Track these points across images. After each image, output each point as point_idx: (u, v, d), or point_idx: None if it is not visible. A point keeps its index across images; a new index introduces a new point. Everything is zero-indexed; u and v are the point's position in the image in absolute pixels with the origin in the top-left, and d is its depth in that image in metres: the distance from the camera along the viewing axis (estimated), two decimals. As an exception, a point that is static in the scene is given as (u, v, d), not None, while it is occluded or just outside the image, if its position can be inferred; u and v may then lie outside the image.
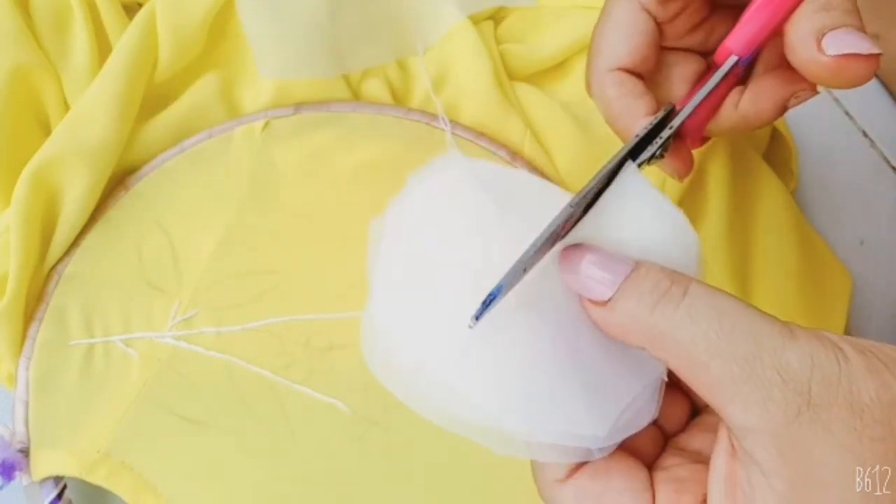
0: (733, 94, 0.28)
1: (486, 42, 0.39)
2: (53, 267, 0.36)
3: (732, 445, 0.20)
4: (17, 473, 0.33)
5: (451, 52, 0.39)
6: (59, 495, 0.34)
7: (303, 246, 0.36)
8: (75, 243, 0.36)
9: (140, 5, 0.39)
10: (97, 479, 0.33)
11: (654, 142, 0.26)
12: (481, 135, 0.38)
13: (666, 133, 0.26)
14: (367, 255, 0.25)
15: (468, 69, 0.39)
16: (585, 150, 0.38)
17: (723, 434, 0.20)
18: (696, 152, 0.37)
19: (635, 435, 0.23)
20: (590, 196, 0.23)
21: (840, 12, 0.24)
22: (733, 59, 0.26)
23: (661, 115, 0.26)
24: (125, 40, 0.37)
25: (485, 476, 0.34)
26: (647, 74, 0.29)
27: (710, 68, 0.29)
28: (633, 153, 0.25)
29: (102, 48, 0.38)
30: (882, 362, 0.18)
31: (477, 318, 0.21)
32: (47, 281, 0.36)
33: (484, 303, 0.21)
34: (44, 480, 0.34)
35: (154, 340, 0.35)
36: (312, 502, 0.33)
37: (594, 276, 0.21)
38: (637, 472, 0.22)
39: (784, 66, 0.27)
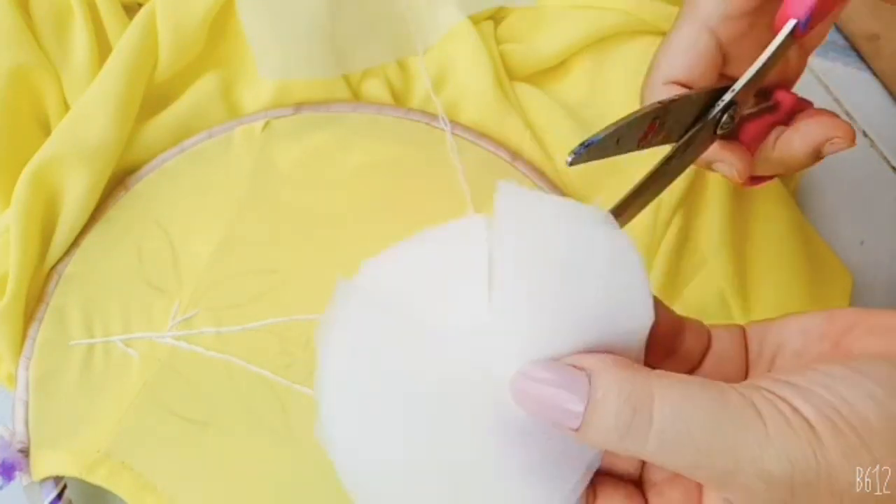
0: (774, 132, 0.28)
1: (486, 42, 0.39)
2: (53, 267, 0.36)
3: None
4: (17, 473, 0.33)
5: (451, 53, 0.39)
6: (59, 495, 0.34)
7: (302, 246, 0.36)
8: (75, 243, 0.36)
9: (140, 5, 0.39)
10: (97, 479, 0.33)
11: (720, 101, 0.26)
12: (481, 135, 0.39)
13: (728, 97, 0.27)
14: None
15: (468, 69, 0.39)
16: (585, 149, 0.39)
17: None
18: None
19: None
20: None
21: None
22: (792, 21, 0.27)
23: (716, 89, 0.27)
24: (125, 40, 0.37)
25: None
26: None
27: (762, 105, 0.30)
28: (700, 117, 0.26)
29: (102, 48, 0.38)
30: (858, 437, 0.18)
31: (576, 154, 0.22)
32: (47, 281, 0.36)
33: (583, 144, 0.22)
34: (44, 480, 0.34)
35: (154, 340, 0.35)
36: (312, 501, 0.33)
37: (556, 406, 0.20)
38: None
39: (823, 112, 0.28)
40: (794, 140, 0.29)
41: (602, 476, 0.23)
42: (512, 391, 0.21)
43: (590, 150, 0.22)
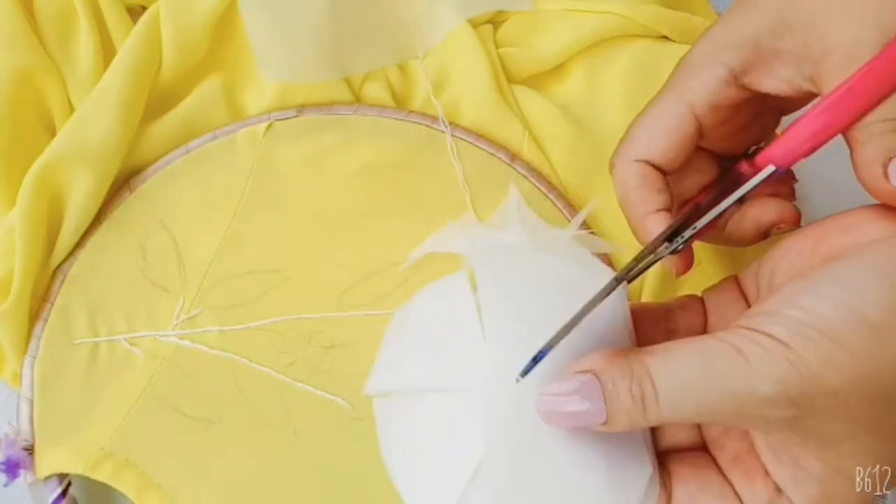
0: (730, 211, 0.29)
1: (486, 45, 0.40)
2: (58, 267, 0.36)
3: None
4: (21, 471, 0.34)
5: (450, 56, 0.40)
6: (64, 493, 0.34)
7: (305, 246, 0.37)
8: (80, 243, 0.37)
9: (144, 8, 0.39)
10: (101, 476, 0.33)
11: (676, 240, 0.27)
12: (480, 136, 0.39)
13: (688, 233, 0.27)
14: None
15: (468, 72, 0.39)
16: (582, 151, 0.39)
17: None
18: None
19: None
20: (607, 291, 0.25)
21: None
22: (771, 168, 0.27)
23: (684, 216, 0.27)
24: (129, 43, 0.37)
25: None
26: (671, 172, 0.30)
27: (718, 181, 0.30)
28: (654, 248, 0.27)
29: (106, 50, 0.38)
30: (827, 338, 0.20)
31: (524, 374, 0.24)
32: (52, 281, 0.36)
33: (534, 359, 0.23)
34: (48, 478, 0.34)
35: (158, 339, 0.35)
36: (314, 499, 0.34)
37: (580, 412, 0.22)
38: (712, 480, 0.24)
39: (770, 195, 0.28)
40: (744, 222, 0.29)
41: (669, 455, 0.25)
42: (541, 416, 0.23)
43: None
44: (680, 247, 0.27)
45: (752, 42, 0.27)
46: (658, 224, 0.28)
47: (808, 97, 0.28)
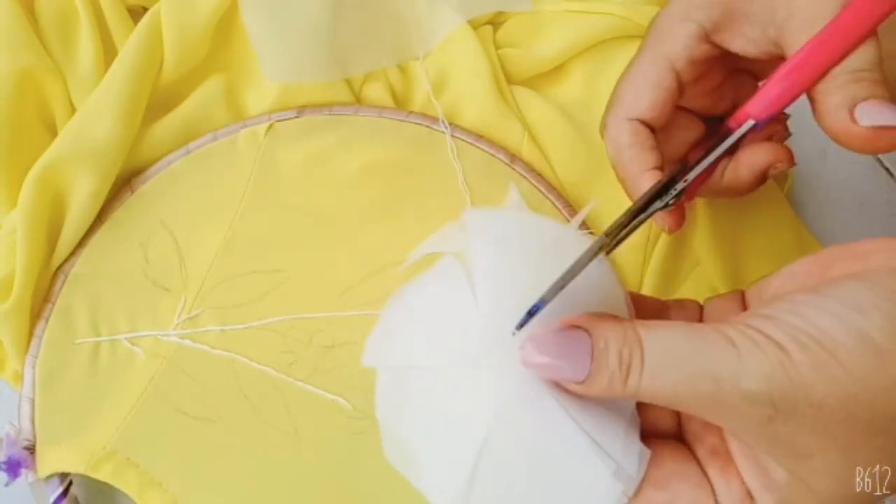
0: (720, 165, 0.30)
1: (485, 46, 0.40)
2: (60, 267, 0.36)
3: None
4: (22, 471, 0.34)
5: (450, 57, 0.40)
6: (65, 492, 0.34)
7: (305, 246, 0.37)
8: (81, 244, 0.37)
9: (144, 9, 0.40)
10: (103, 475, 0.33)
11: (669, 192, 0.28)
12: (480, 137, 0.39)
13: (680, 186, 0.28)
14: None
15: (467, 73, 0.39)
16: (581, 151, 0.39)
17: None
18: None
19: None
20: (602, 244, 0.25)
21: (869, 83, 0.26)
22: (751, 122, 0.28)
23: (673, 171, 0.28)
24: (130, 43, 0.37)
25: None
26: (659, 129, 0.31)
27: (708, 136, 0.31)
28: (646, 206, 0.27)
29: (108, 51, 0.38)
30: (825, 350, 0.20)
31: (519, 327, 0.23)
32: (54, 281, 0.36)
33: (529, 313, 0.23)
34: (49, 477, 0.34)
35: (159, 339, 0.36)
36: (315, 496, 0.34)
37: (561, 364, 0.22)
38: (690, 468, 0.24)
39: (764, 139, 0.29)
40: (740, 170, 0.30)
41: (648, 439, 0.25)
42: (522, 358, 0.22)
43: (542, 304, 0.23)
44: (671, 201, 0.27)
45: (722, 3, 0.29)
46: (652, 182, 0.28)
47: (774, 60, 0.29)
